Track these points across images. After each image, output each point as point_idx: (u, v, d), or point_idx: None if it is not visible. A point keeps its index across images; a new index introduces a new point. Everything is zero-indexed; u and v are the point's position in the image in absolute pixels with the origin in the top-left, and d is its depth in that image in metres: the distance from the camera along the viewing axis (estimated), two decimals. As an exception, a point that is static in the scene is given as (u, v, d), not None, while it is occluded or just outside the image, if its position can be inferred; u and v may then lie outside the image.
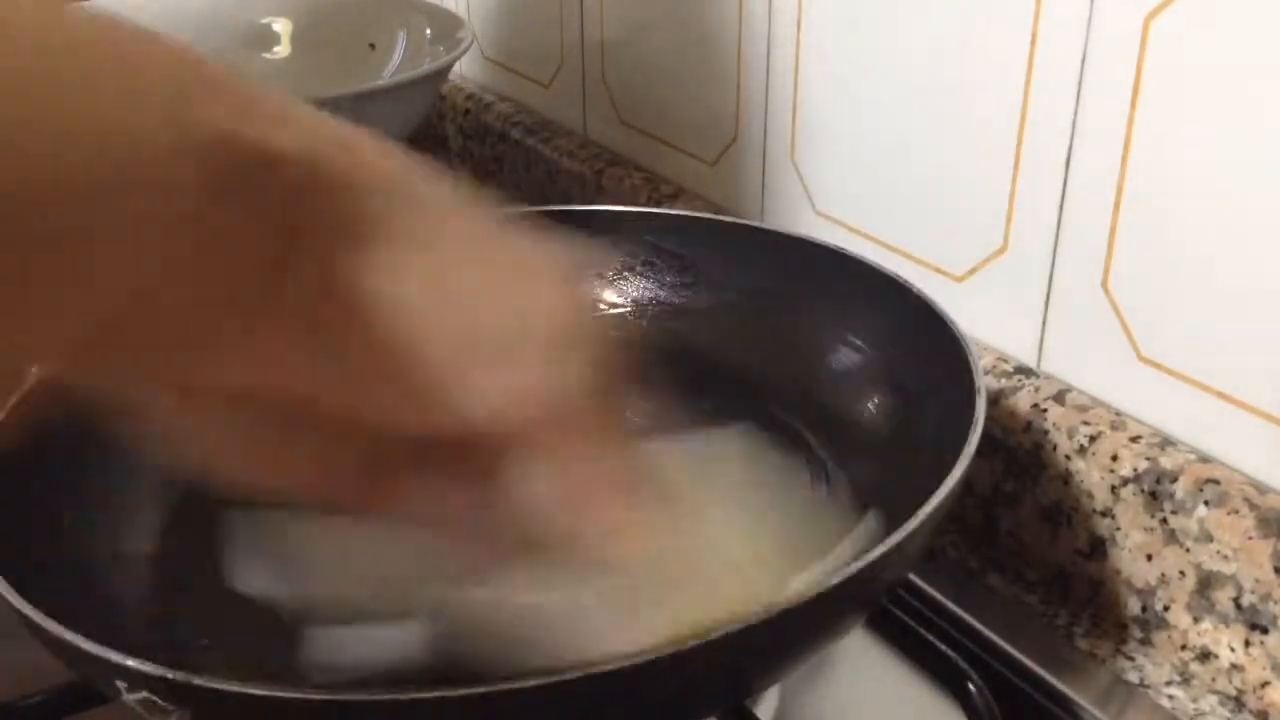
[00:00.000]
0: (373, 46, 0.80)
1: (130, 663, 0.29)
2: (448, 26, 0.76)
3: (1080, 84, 0.44)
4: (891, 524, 0.32)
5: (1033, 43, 0.46)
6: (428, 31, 0.78)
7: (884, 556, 0.31)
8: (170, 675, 0.28)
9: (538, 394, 0.30)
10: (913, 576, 0.46)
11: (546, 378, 0.30)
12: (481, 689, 0.27)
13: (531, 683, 0.27)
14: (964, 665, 0.41)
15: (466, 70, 0.89)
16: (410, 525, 0.33)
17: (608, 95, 0.73)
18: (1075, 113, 0.45)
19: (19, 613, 0.31)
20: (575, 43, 0.75)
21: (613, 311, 0.54)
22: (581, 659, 0.28)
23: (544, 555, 0.31)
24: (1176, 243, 0.42)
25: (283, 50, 0.83)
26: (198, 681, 0.28)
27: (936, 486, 0.34)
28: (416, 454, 0.31)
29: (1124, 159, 0.43)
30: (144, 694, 0.29)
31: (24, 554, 0.35)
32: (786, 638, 0.32)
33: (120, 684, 0.29)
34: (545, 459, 0.30)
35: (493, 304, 0.30)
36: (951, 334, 0.42)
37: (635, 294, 0.54)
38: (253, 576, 0.34)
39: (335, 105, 0.62)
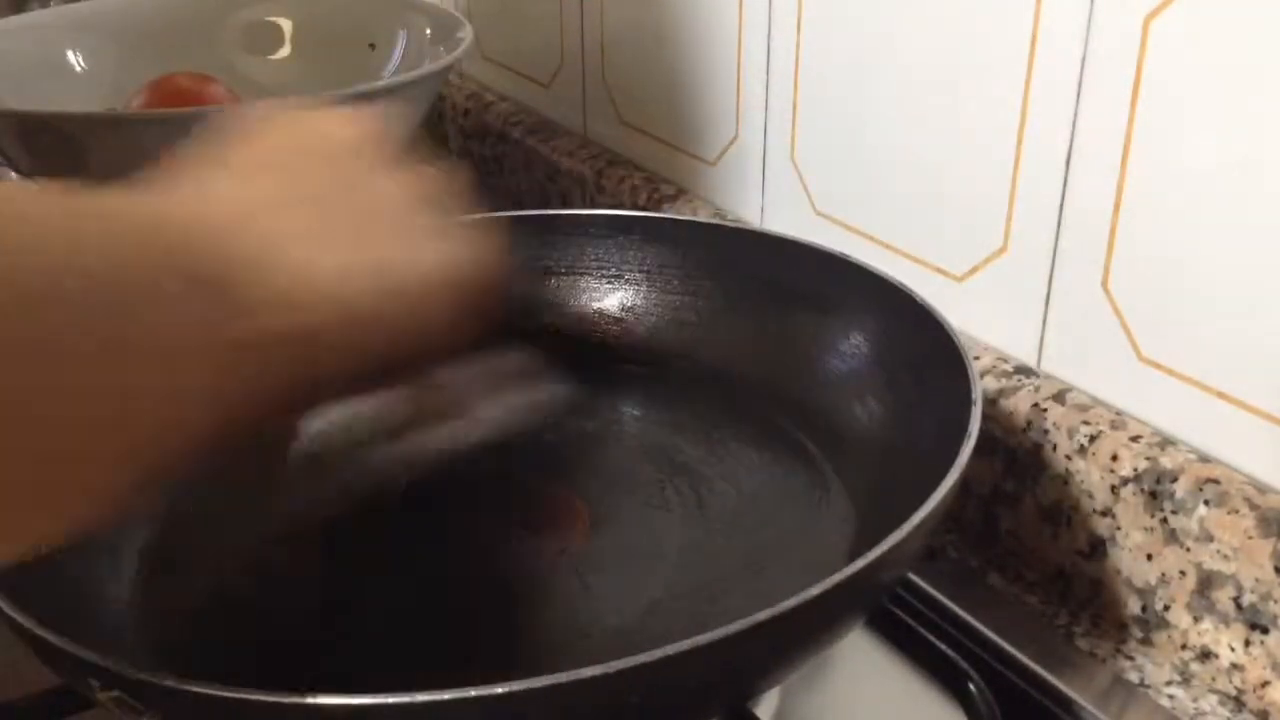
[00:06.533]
0: (373, 46, 0.80)
1: (100, 661, 0.29)
2: (448, 26, 0.76)
3: (1080, 84, 0.44)
4: (888, 527, 0.32)
5: (1033, 43, 0.46)
6: (428, 31, 0.78)
7: (880, 559, 0.31)
8: (138, 675, 0.28)
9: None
10: (913, 576, 0.46)
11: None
12: (480, 692, 0.27)
13: (529, 685, 0.27)
14: (964, 665, 0.41)
15: (466, 70, 0.89)
16: None
17: (608, 95, 0.73)
18: (1075, 113, 0.45)
19: None
20: (575, 43, 0.75)
21: (609, 318, 0.54)
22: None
23: None
24: (1176, 243, 0.42)
25: (283, 50, 0.83)
26: (166, 682, 0.28)
27: (932, 491, 0.34)
28: None
29: (1124, 159, 0.43)
30: (115, 693, 0.29)
31: None
32: (786, 640, 0.32)
33: (93, 682, 0.29)
34: None
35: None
36: (949, 340, 0.42)
37: (632, 300, 0.54)
38: None
39: (335, 105, 0.62)
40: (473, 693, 0.27)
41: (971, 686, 0.40)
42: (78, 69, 0.77)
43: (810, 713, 0.42)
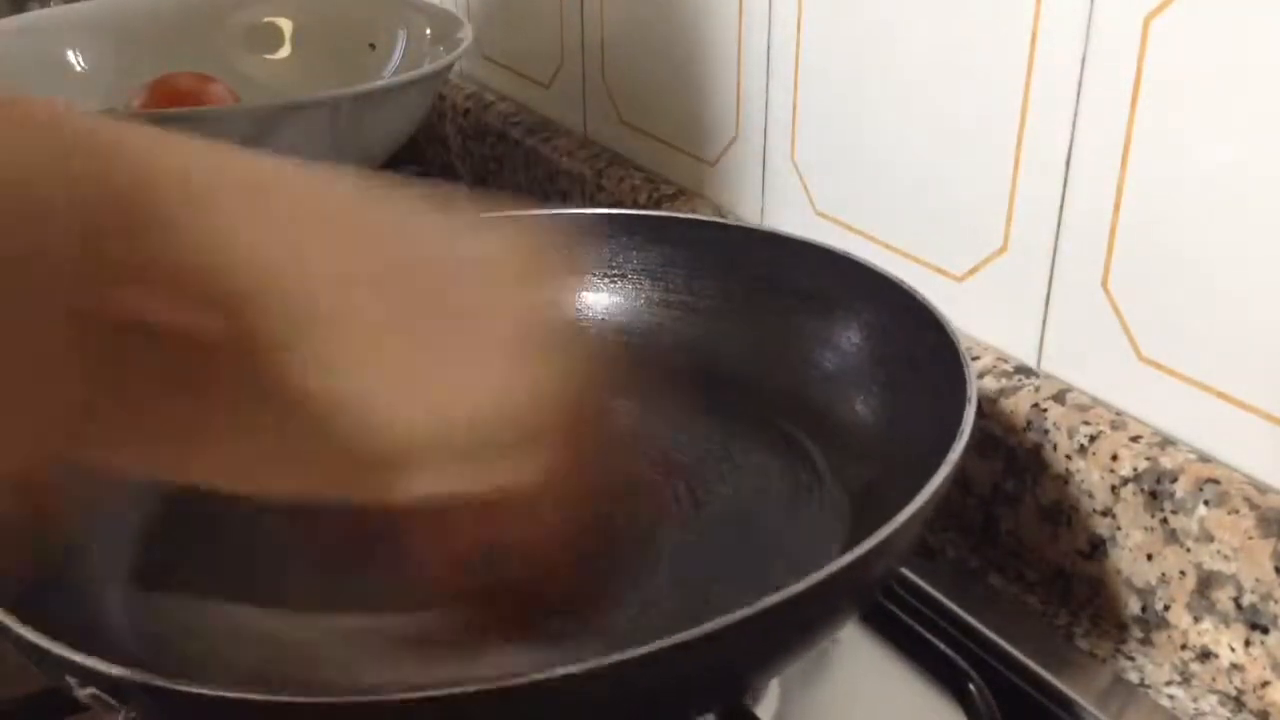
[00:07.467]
0: (373, 46, 0.80)
1: (76, 658, 0.29)
2: (448, 26, 0.76)
3: (1080, 84, 0.44)
4: (881, 523, 0.32)
5: (1033, 43, 0.45)
6: (428, 31, 0.78)
7: (870, 553, 0.31)
8: (113, 672, 0.28)
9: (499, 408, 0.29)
10: (913, 576, 0.46)
11: (507, 388, 0.29)
12: (468, 689, 0.27)
13: (520, 681, 0.27)
14: (964, 665, 0.41)
15: (466, 70, 0.89)
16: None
17: (608, 95, 0.73)
18: (1075, 113, 0.45)
19: None
20: (575, 43, 0.75)
21: (606, 314, 0.54)
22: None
23: None
24: (1176, 243, 0.42)
25: (283, 50, 0.83)
26: (142, 679, 0.28)
27: (924, 486, 0.34)
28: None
29: (1124, 159, 0.43)
30: (92, 690, 0.29)
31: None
32: (778, 634, 0.32)
33: (71, 679, 0.29)
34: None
35: (440, 317, 0.29)
36: (947, 337, 0.42)
37: (629, 297, 0.54)
38: None
39: (335, 105, 0.62)
40: (459, 690, 0.27)
41: (971, 686, 0.40)
42: (78, 69, 0.77)
43: (810, 713, 0.42)
